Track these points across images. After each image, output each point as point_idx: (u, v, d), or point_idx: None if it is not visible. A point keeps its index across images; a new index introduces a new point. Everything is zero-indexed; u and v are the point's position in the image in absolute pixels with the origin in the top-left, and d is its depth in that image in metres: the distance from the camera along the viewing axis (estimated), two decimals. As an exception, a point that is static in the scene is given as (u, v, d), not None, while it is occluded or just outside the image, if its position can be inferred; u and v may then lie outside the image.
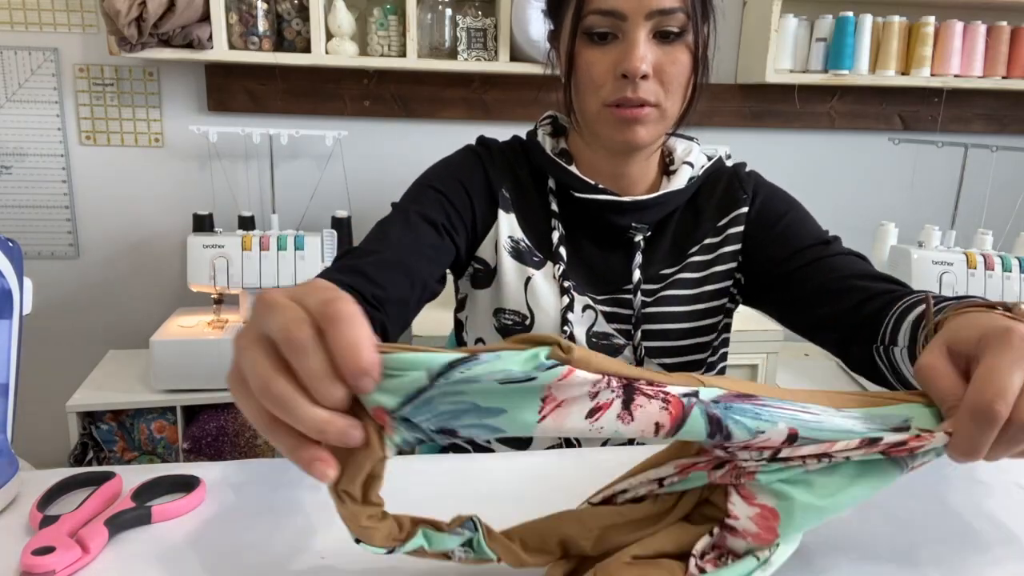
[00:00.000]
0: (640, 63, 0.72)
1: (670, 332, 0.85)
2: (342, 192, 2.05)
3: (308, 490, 0.58)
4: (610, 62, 0.75)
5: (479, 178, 0.87)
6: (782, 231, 0.85)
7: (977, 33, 2.05)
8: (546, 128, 0.90)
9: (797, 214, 0.87)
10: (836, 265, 0.79)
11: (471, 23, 1.88)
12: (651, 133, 0.78)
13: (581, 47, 0.76)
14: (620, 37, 0.74)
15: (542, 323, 0.84)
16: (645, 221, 0.84)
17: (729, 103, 2.17)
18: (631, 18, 0.73)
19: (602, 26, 0.74)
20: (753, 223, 0.86)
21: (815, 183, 2.25)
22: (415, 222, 0.80)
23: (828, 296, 0.77)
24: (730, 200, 0.87)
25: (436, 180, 0.85)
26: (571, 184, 0.84)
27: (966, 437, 0.41)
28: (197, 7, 1.71)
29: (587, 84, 0.77)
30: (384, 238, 0.78)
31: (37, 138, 1.92)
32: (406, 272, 0.76)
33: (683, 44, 0.75)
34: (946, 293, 1.73)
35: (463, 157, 0.89)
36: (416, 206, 0.81)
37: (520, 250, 0.86)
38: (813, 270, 0.80)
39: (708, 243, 0.87)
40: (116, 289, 2.03)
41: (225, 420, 1.70)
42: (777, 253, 0.84)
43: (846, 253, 0.81)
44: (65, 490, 0.56)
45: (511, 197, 0.87)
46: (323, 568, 0.49)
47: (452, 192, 0.84)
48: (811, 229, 0.85)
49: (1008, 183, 2.08)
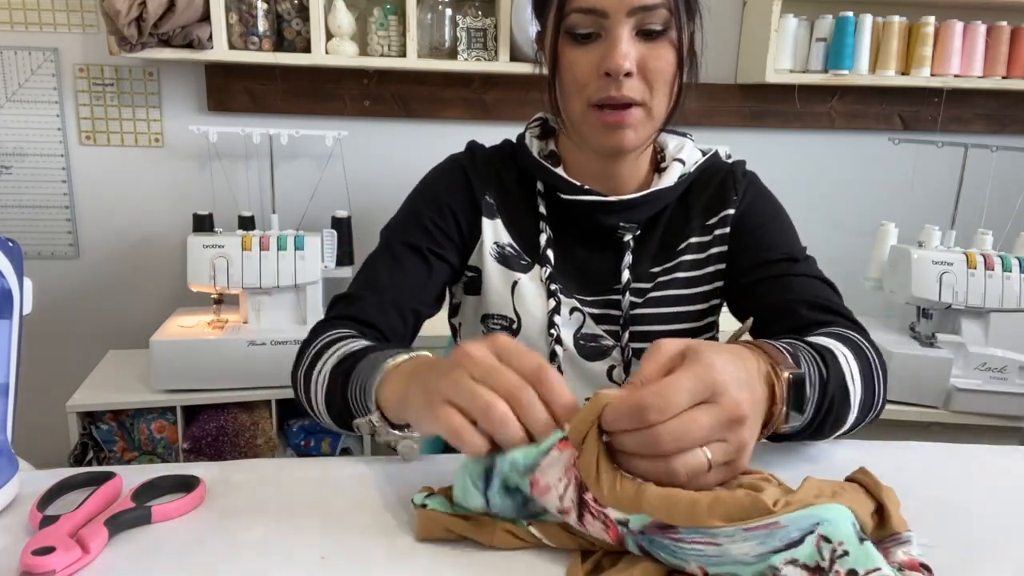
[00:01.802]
0: (623, 60, 0.72)
1: (659, 333, 0.84)
2: (342, 192, 2.05)
3: (308, 490, 0.59)
4: (593, 61, 0.74)
5: (460, 191, 0.88)
6: (756, 239, 0.85)
7: (977, 33, 2.05)
8: (534, 131, 0.90)
9: (777, 224, 0.87)
10: (793, 286, 0.80)
11: (471, 23, 1.88)
12: (639, 135, 0.77)
13: (564, 47, 0.76)
14: (603, 35, 0.74)
15: (529, 327, 0.84)
16: (634, 220, 0.84)
17: (729, 103, 2.17)
18: (613, 15, 0.72)
19: (584, 25, 0.74)
20: (736, 227, 0.86)
21: (815, 183, 2.25)
22: (401, 255, 0.84)
23: (772, 315, 0.78)
24: (720, 200, 0.87)
25: (420, 202, 0.88)
26: (557, 186, 0.84)
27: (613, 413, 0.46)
28: (197, 7, 1.71)
29: (571, 84, 0.77)
30: (375, 280, 0.83)
31: (37, 138, 1.92)
32: (399, 310, 0.82)
33: (667, 41, 0.74)
34: (946, 293, 1.73)
35: (442, 172, 0.91)
36: (401, 235, 0.86)
37: (506, 255, 0.86)
38: (772, 286, 0.81)
39: (696, 242, 0.86)
40: (116, 289, 2.03)
41: (225, 420, 1.69)
42: (745, 261, 0.84)
43: (810, 275, 0.81)
44: (65, 490, 0.56)
45: (495, 203, 0.87)
46: (323, 568, 0.49)
47: (435, 213, 0.86)
48: (787, 241, 0.85)
49: (1008, 183, 2.08)
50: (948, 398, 1.74)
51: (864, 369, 0.67)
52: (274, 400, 1.72)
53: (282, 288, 1.73)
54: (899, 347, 1.76)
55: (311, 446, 1.80)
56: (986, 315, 1.80)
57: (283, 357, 1.67)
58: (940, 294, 1.74)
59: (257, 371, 1.67)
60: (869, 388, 0.68)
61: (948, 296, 1.74)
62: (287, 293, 1.76)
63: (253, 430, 1.71)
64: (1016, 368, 1.75)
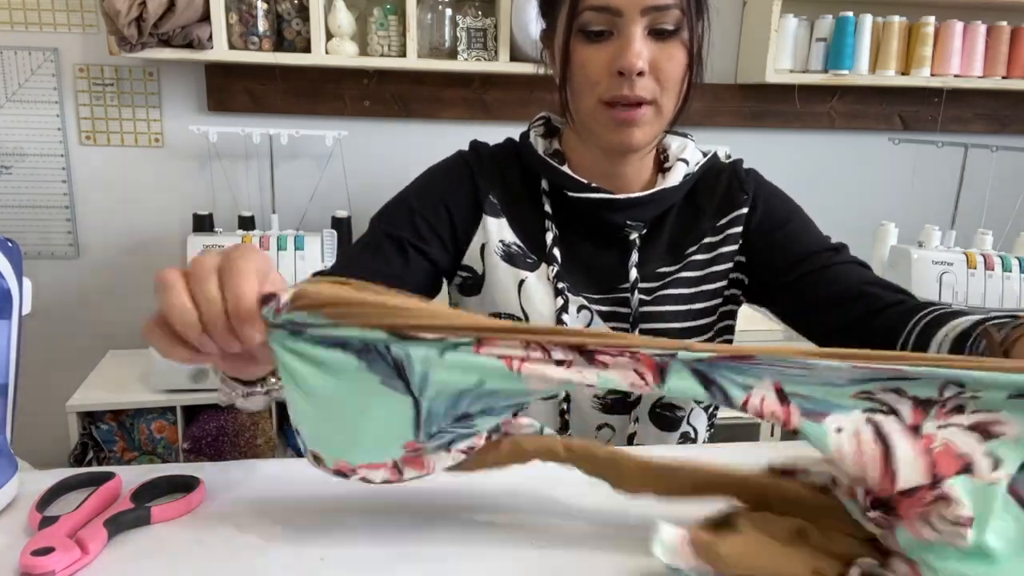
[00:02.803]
0: (636, 59, 0.72)
1: (668, 332, 0.84)
2: (342, 192, 2.05)
3: (308, 490, 0.58)
4: (606, 59, 0.74)
5: (463, 188, 0.87)
6: (785, 237, 0.85)
7: (977, 33, 2.05)
8: (538, 129, 0.90)
9: (800, 220, 0.87)
10: (844, 273, 0.80)
11: (471, 23, 1.88)
12: (647, 134, 0.78)
13: (576, 45, 0.76)
14: (615, 34, 0.74)
15: None
16: (640, 219, 0.84)
17: (729, 103, 2.17)
18: (627, 14, 0.72)
19: (597, 23, 0.74)
20: (755, 227, 0.86)
21: (815, 183, 2.25)
22: (381, 243, 0.84)
23: (839, 304, 0.78)
24: (730, 200, 0.87)
25: (414, 195, 0.88)
26: (564, 184, 0.84)
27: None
28: (197, 7, 1.71)
29: (583, 82, 0.77)
30: (349, 264, 0.83)
31: (37, 138, 1.92)
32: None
33: (679, 41, 0.75)
34: (946, 293, 1.73)
35: (448, 167, 0.90)
36: (385, 225, 0.85)
37: (512, 253, 0.86)
38: (821, 277, 0.81)
39: (707, 242, 0.87)
40: (116, 289, 2.03)
41: (225, 420, 1.70)
42: (780, 260, 0.84)
43: (852, 261, 0.82)
44: (64, 490, 0.56)
45: (500, 202, 0.87)
46: (323, 568, 0.49)
47: (428, 207, 0.85)
48: (815, 235, 0.86)
49: (1008, 183, 2.08)
50: (948, 398, 1.74)
51: None
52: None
53: (282, 288, 1.73)
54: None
55: (311, 446, 1.80)
56: (986, 315, 1.80)
57: (283, 357, 1.67)
58: (940, 294, 1.74)
59: (257, 371, 1.67)
60: None
61: (948, 296, 1.74)
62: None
63: (253, 430, 1.71)
64: (1016, 368, 1.75)
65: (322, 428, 0.49)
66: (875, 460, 0.41)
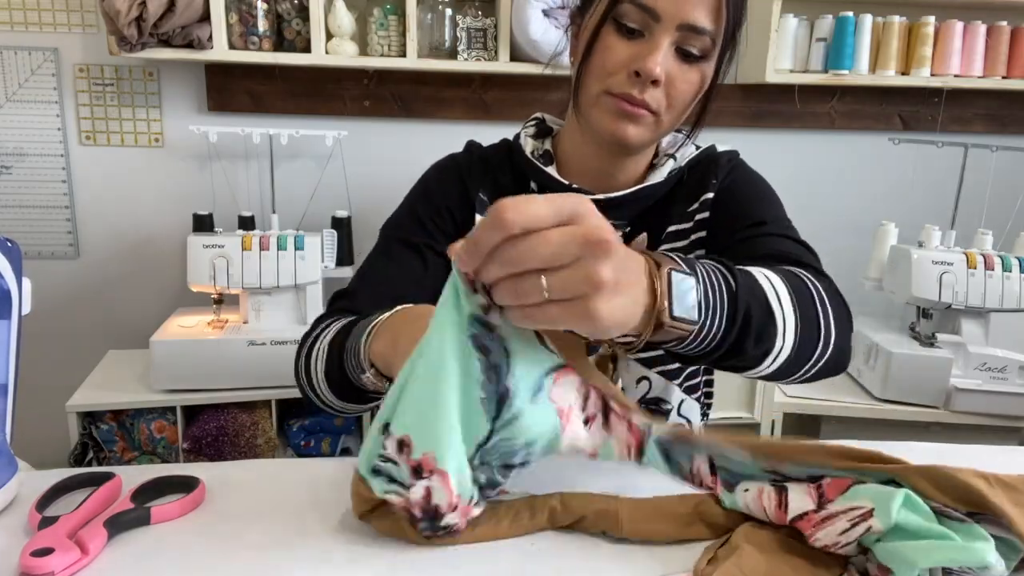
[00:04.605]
0: (656, 67, 0.73)
1: None
2: (342, 192, 2.05)
3: (308, 490, 0.58)
4: (628, 56, 0.75)
5: (454, 189, 0.89)
6: (733, 214, 0.84)
7: (977, 33, 2.04)
8: (529, 130, 0.91)
9: (757, 198, 0.86)
10: (757, 245, 0.79)
11: (471, 23, 1.88)
12: (641, 135, 0.78)
13: (606, 31, 0.76)
14: (646, 36, 0.75)
15: None
16: (623, 218, 0.85)
17: (729, 103, 2.17)
18: (664, 21, 0.73)
19: (633, 19, 0.74)
20: (713, 208, 0.86)
21: (815, 183, 2.25)
22: (397, 251, 0.86)
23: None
24: (701, 186, 0.87)
25: (416, 199, 0.90)
26: (547, 184, 0.85)
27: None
28: (197, 7, 1.71)
29: (599, 68, 0.77)
30: (371, 275, 0.85)
31: (37, 138, 1.92)
32: (394, 304, 0.82)
33: (699, 69, 0.76)
34: (946, 293, 1.73)
35: (438, 170, 0.92)
36: (397, 232, 0.88)
37: None
38: (737, 251, 0.79)
39: (675, 230, 0.86)
40: (116, 289, 2.03)
41: (225, 420, 1.69)
42: (723, 236, 0.83)
43: (778, 235, 0.80)
44: (64, 491, 0.56)
45: (491, 200, 0.88)
46: (323, 568, 0.49)
47: (431, 209, 0.88)
48: (762, 211, 0.84)
49: (1008, 183, 2.07)
50: (948, 398, 1.74)
51: (801, 298, 0.64)
52: (274, 400, 1.72)
53: (282, 288, 1.73)
54: (899, 347, 1.76)
55: (311, 446, 1.81)
56: (986, 315, 1.80)
57: (283, 357, 1.67)
58: (940, 294, 1.74)
59: (257, 371, 1.68)
60: (809, 319, 0.65)
61: (948, 296, 1.74)
62: (287, 293, 1.76)
63: (253, 430, 1.71)
64: (1016, 368, 1.75)
65: (427, 412, 0.48)
66: (771, 500, 0.53)
